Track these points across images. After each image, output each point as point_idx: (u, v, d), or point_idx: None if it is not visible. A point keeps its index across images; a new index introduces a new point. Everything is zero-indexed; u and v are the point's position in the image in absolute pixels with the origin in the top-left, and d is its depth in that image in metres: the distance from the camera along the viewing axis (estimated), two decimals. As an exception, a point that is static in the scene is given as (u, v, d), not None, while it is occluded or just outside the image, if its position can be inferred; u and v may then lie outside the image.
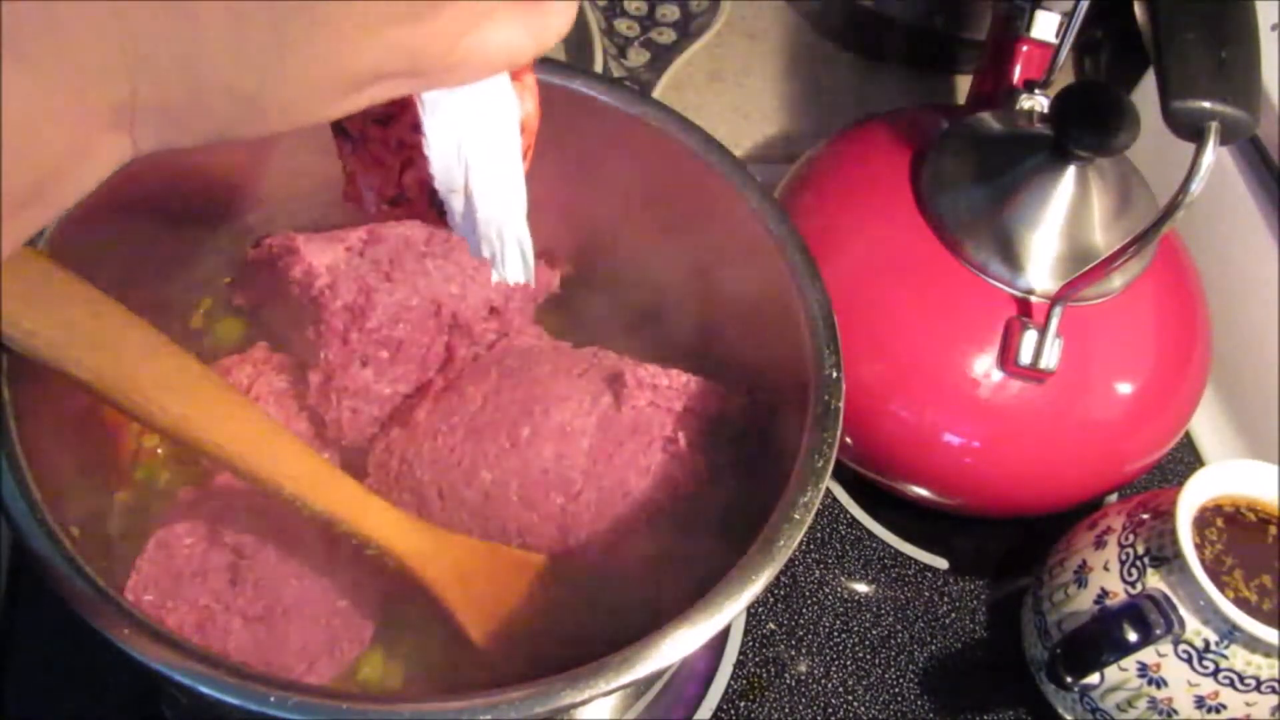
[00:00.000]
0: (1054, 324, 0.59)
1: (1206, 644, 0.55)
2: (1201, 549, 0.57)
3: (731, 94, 0.90)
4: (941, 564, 0.70)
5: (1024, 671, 0.64)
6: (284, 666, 0.49)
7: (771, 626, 0.66)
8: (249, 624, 0.50)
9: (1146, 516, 0.59)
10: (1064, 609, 0.60)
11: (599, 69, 0.82)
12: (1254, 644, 0.54)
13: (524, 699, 0.39)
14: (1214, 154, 0.49)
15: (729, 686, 0.63)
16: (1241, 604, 0.55)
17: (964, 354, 0.61)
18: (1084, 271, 0.57)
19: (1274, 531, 0.59)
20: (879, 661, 0.66)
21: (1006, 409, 0.61)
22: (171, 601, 0.49)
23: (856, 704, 0.64)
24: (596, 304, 0.63)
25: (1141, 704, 0.57)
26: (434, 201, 0.35)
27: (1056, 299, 0.59)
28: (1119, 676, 0.57)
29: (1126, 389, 0.63)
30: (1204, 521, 0.58)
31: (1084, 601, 0.59)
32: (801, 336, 0.50)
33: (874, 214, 0.65)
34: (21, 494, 0.40)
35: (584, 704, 0.39)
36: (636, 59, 0.84)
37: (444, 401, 0.56)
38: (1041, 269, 0.61)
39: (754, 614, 0.66)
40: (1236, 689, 0.55)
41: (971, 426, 0.62)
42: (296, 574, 0.51)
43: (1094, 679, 0.58)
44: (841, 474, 0.70)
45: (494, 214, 0.35)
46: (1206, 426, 0.78)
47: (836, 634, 0.66)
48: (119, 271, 0.48)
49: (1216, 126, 0.48)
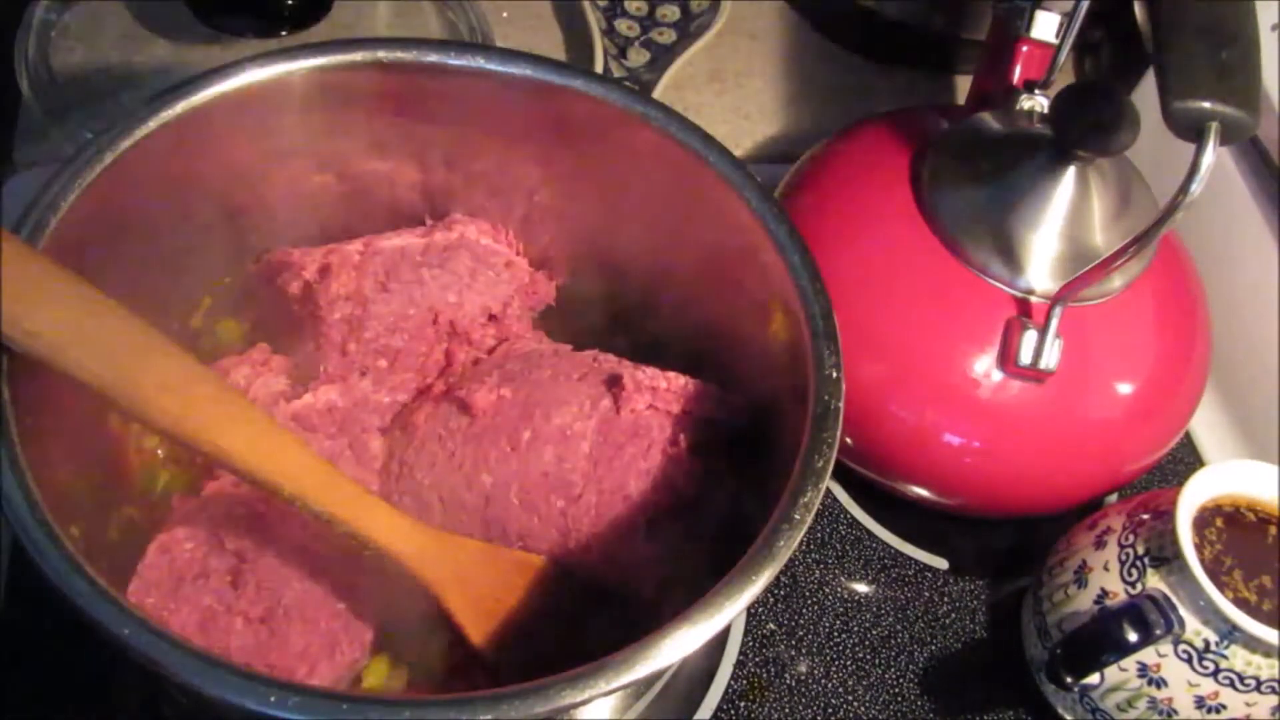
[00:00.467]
0: (1054, 324, 0.59)
1: (1206, 644, 0.55)
2: (1201, 549, 0.57)
3: (731, 94, 0.90)
4: (941, 564, 0.70)
5: (1024, 671, 0.64)
6: (285, 668, 0.49)
7: (771, 626, 0.66)
8: (251, 625, 0.50)
9: (1146, 516, 0.59)
10: (1064, 609, 0.60)
11: (599, 69, 0.82)
12: (1254, 644, 0.54)
13: (524, 699, 0.39)
14: (1214, 154, 0.49)
15: (729, 686, 0.63)
16: (1241, 604, 0.55)
17: (964, 354, 0.61)
18: (1084, 272, 0.57)
19: (1274, 531, 0.59)
20: (879, 661, 0.66)
21: (1006, 409, 0.61)
22: (173, 603, 0.49)
23: (856, 704, 0.64)
24: (596, 306, 0.63)
25: (1141, 704, 0.57)
26: None
27: (1056, 299, 0.59)
28: (1119, 676, 0.57)
29: (1126, 389, 0.63)
30: (1204, 521, 0.58)
31: (1084, 601, 0.59)
32: (801, 336, 0.50)
33: (874, 214, 0.65)
34: (22, 494, 0.40)
35: (584, 704, 0.39)
36: (636, 59, 0.84)
37: (444, 405, 0.56)
38: (1041, 269, 0.61)
39: (754, 614, 0.66)
40: (1236, 689, 0.55)
41: (971, 426, 0.62)
42: (298, 576, 0.51)
43: (1094, 679, 0.58)
44: (841, 474, 0.70)
45: None
46: (1206, 426, 0.78)
47: (836, 634, 0.66)
48: (119, 271, 0.48)
49: (1216, 126, 0.48)
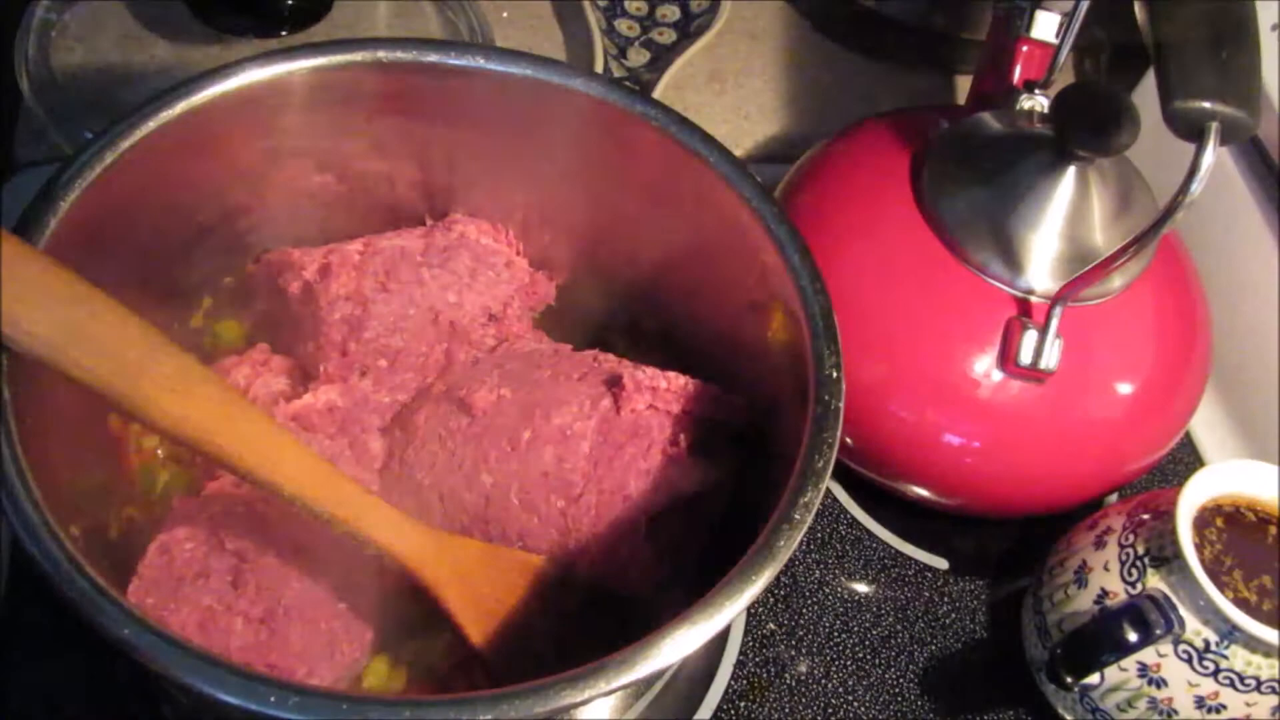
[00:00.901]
0: (1054, 324, 0.59)
1: (1206, 644, 0.55)
2: (1201, 549, 0.57)
3: (731, 94, 0.90)
4: (941, 564, 0.70)
5: (1024, 671, 0.64)
6: (286, 668, 0.49)
7: (771, 626, 0.66)
8: (251, 625, 0.50)
9: (1146, 516, 0.59)
10: (1064, 609, 0.60)
11: (599, 69, 0.82)
12: (1254, 644, 0.54)
13: (524, 699, 0.39)
14: (1214, 154, 0.49)
15: (729, 686, 0.63)
16: (1241, 604, 0.55)
17: (964, 354, 0.61)
18: (1084, 272, 0.57)
19: (1274, 531, 0.59)
20: (879, 661, 0.66)
21: (1006, 409, 0.61)
22: (173, 603, 0.49)
23: (856, 704, 0.64)
24: (596, 306, 0.63)
25: (1141, 704, 0.57)
26: None
27: (1056, 299, 0.59)
28: (1119, 676, 0.57)
29: (1126, 389, 0.63)
30: (1204, 521, 0.58)
31: (1084, 601, 0.59)
32: (801, 336, 0.50)
33: (874, 214, 0.65)
34: (22, 494, 0.40)
35: (584, 704, 0.39)
36: (636, 59, 0.84)
37: (444, 405, 0.56)
38: (1041, 269, 0.61)
39: (754, 614, 0.66)
40: (1236, 689, 0.55)
41: (971, 426, 0.62)
42: (298, 576, 0.51)
43: (1094, 679, 0.58)
44: (841, 474, 0.70)
45: None
46: (1206, 426, 0.78)
47: (836, 634, 0.66)
48: (119, 271, 0.48)
49: (1216, 126, 0.48)
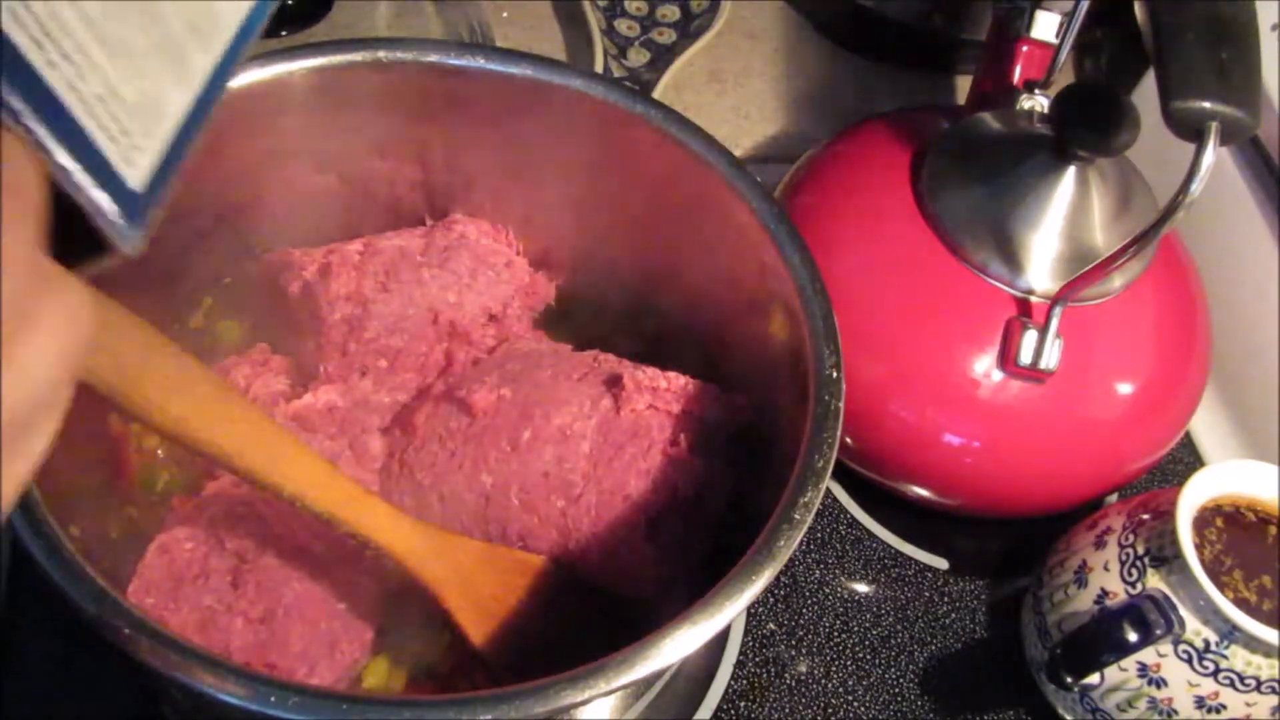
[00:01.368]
0: (1054, 324, 0.59)
1: (1206, 644, 0.55)
2: (1201, 549, 0.57)
3: (731, 94, 0.90)
4: (941, 564, 0.70)
5: (1024, 671, 0.64)
6: (286, 668, 0.49)
7: (771, 626, 0.66)
8: (251, 625, 0.50)
9: (1146, 516, 0.59)
10: (1064, 609, 0.60)
11: (599, 69, 0.82)
12: (1254, 644, 0.54)
13: (524, 699, 0.39)
14: (1214, 154, 0.49)
15: (729, 686, 0.63)
16: (1241, 604, 0.55)
17: (964, 354, 0.61)
18: (1084, 272, 0.57)
19: (1274, 531, 0.59)
20: (879, 661, 0.66)
21: (1006, 409, 0.61)
22: (173, 603, 0.49)
23: (856, 704, 0.64)
24: (596, 306, 0.63)
25: (1141, 704, 0.57)
26: None
27: (1056, 299, 0.59)
28: (1119, 676, 0.57)
29: (1126, 389, 0.63)
30: (1204, 521, 0.58)
31: (1084, 601, 0.59)
32: (801, 336, 0.50)
33: (874, 214, 0.65)
34: (22, 494, 0.40)
35: (584, 704, 0.39)
36: (636, 59, 0.84)
37: (444, 405, 0.56)
38: (1041, 269, 0.61)
39: (754, 614, 0.66)
40: (1236, 689, 0.55)
41: (971, 426, 0.62)
42: (298, 576, 0.51)
43: (1094, 679, 0.58)
44: (841, 474, 0.70)
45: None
46: (1206, 426, 0.78)
47: (836, 634, 0.66)
48: (119, 271, 0.48)
49: (1216, 126, 0.48)
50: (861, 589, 0.69)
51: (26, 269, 0.22)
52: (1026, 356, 0.59)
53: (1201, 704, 0.56)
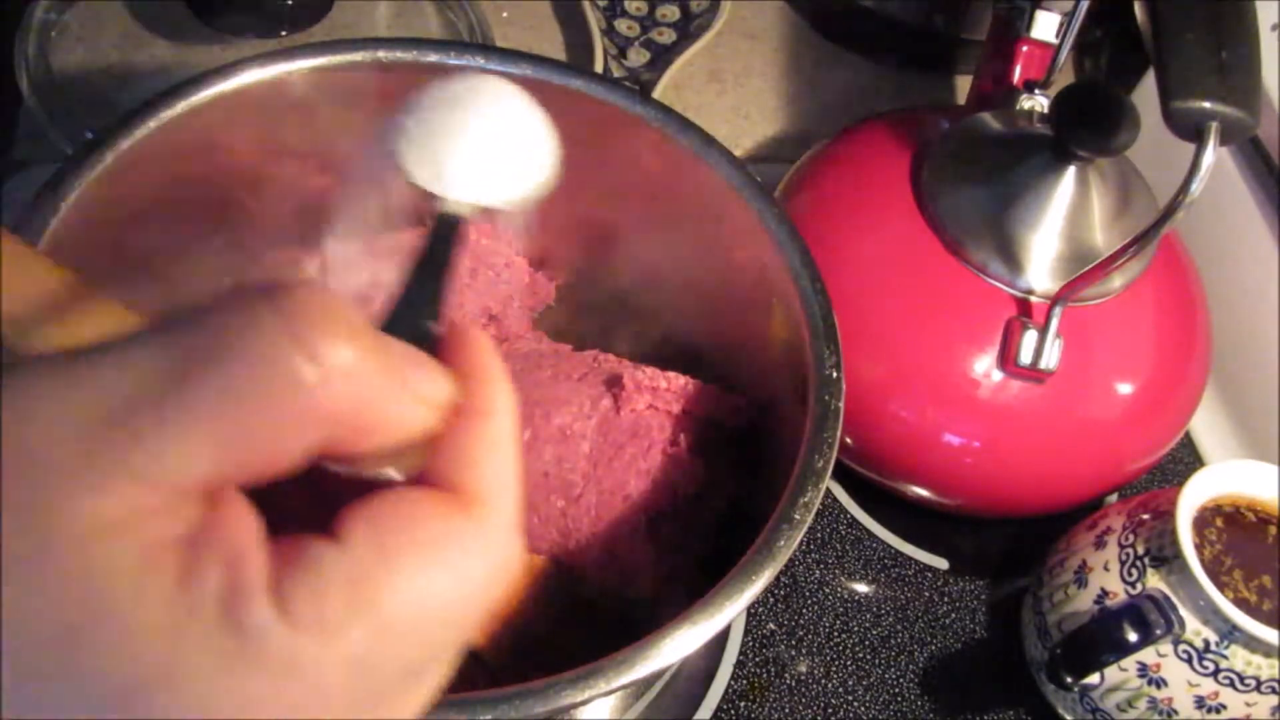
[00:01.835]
0: (1054, 324, 0.59)
1: (1206, 644, 0.55)
2: (1201, 549, 0.57)
3: (731, 94, 0.90)
4: (941, 564, 0.70)
5: (1024, 671, 0.64)
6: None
7: (771, 626, 0.66)
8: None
9: (1146, 516, 0.59)
10: (1064, 609, 0.60)
11: (599, 69, 0.82)
12: (1254, 644, 0.54)
13: (524, 699, 0.39)
14: (1214, 154, 0.49)
15: (729, 686, 0.63)
16: (1241, 604, 0.55)
17: (964, 354, 0.61)
18: (1084, 272, 0.57)
19: (1274, 531, 0.59)
20: (879, 661, 0.66)
21: (1006, 409, 0.61)
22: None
23: (856, 704, 0.64)
24: (596, 306, 0.63)
25: (1141, 704, 0.57)
26: None
27: (1056, 299, 0.59)
28: (1119, 676, 0.57)
29: (1126, 389, 0.63)
30: (1204, 521, 0.58)
31: (1084, 601, 0.59)
32: (801, 336, 0.50)
33: (874, 214, 0.65)
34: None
35: (584, 704, 0.39)
36: (636, 59, 0.84)
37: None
38: (1041, 269, 0.61)
39: (754, 614, 0.66)
40: (1236, 689, 0.55)
41: (971, 426, 0.62)
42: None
43: (1094, 679, 0.58)
44: (841, 474, 0.70)
45: None
46: (1206, 426, 0.78)
47: (836, 634, 0.66)
48: (119, 272, 0.48)
49: (1216, 126, 0.48)
50: (861, 589, 0.69)
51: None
52: (1026, 356, 0.59)
53: (1201, 704, 0.56)
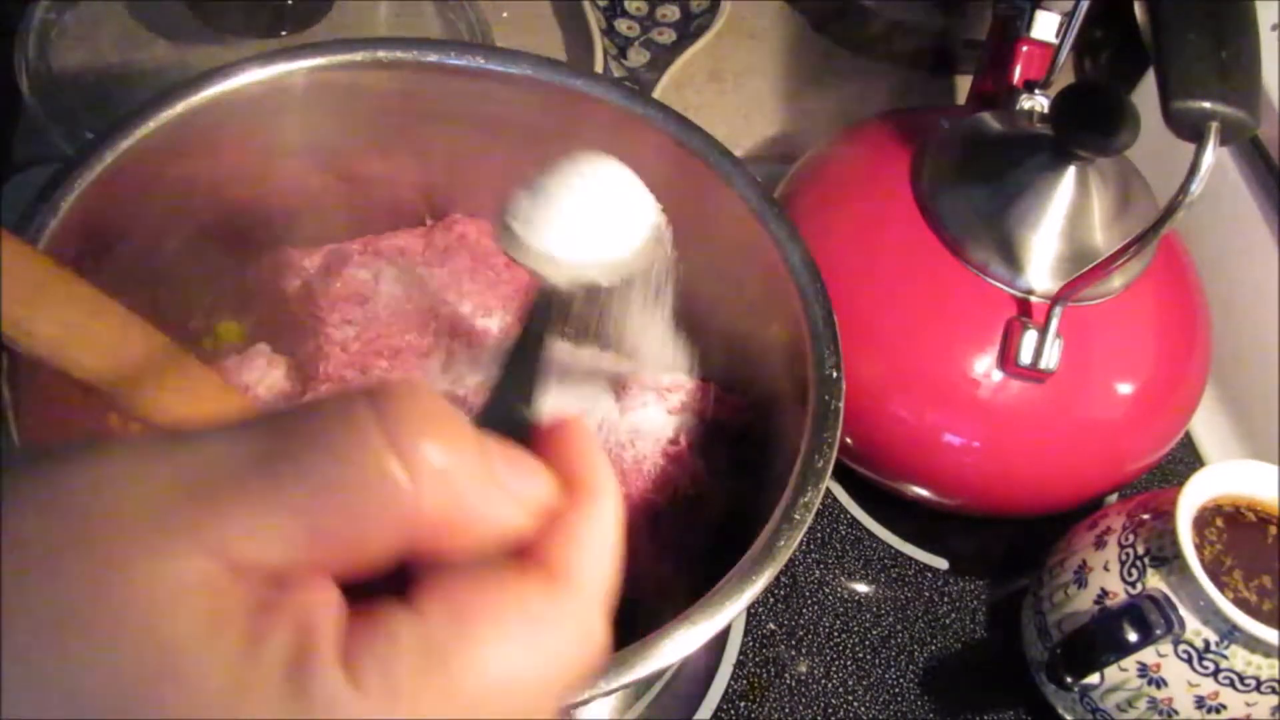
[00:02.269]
0: (1054, 324, 0.59)
1: (1206, 644, 0.55)
2: (1201, 549, 0.57)
3: (731, 94, 0.90)
4: (941, 564, 0.70)
5: (1024, 671, 0.64)
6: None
7: (771, 626, 0.66)
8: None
9: (1146, 516, 0.59)
10: (1064, 609, 0.60)
11: (599, 69, 0.82)
12: (1254, 644, 0.54)
13: (524, 699, 0.39)
14: (1214, 154, 0.49)
15: (729, 686, 0.63)
16: (1241, 604, 0.55)
17: (964, 354, 0.61)
18: (1084, 272, 0.57)
19: (1274, 531, 0.59)
20: (879, 661, 0.66)
21: (1006, 409, 0.61)
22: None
23: (856, 704, 0.64)
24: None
25: (1141, 704, 0.57)
26: None
27: (1056, 299, 0.59)
28: (1119, 676, 0.57)
29: (1126, 389, 0.63)
30: (1204, 521, 0.58)
31: (1084, 601, 0.59)
32: (801, 336, 0.50)
33: (874, 214, 0.65)
34: (22, 494, 0.40)
35: (584, 704, 0.39)
36: (636, 59, 0.84)
37: (443, 403, 0.56)
38: (1041, 269, 0.61)
39: (754, 614, 0.66)
40: (1236, 689, 0.55)
41: (971, 426, 0.62)
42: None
43: (1094, 679, 0.58)
44: (841, 474, 0.70)
45: None
46: (1206, 426, 0.78)
47: (836, 634, 0.66)
48: (119, 272, 0.48)
49: (1216, 126, 0.48)
50: (861, 589, 0.69)
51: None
52: (1026, 356, 0.59)
53: (1201, 704, 0.56)
